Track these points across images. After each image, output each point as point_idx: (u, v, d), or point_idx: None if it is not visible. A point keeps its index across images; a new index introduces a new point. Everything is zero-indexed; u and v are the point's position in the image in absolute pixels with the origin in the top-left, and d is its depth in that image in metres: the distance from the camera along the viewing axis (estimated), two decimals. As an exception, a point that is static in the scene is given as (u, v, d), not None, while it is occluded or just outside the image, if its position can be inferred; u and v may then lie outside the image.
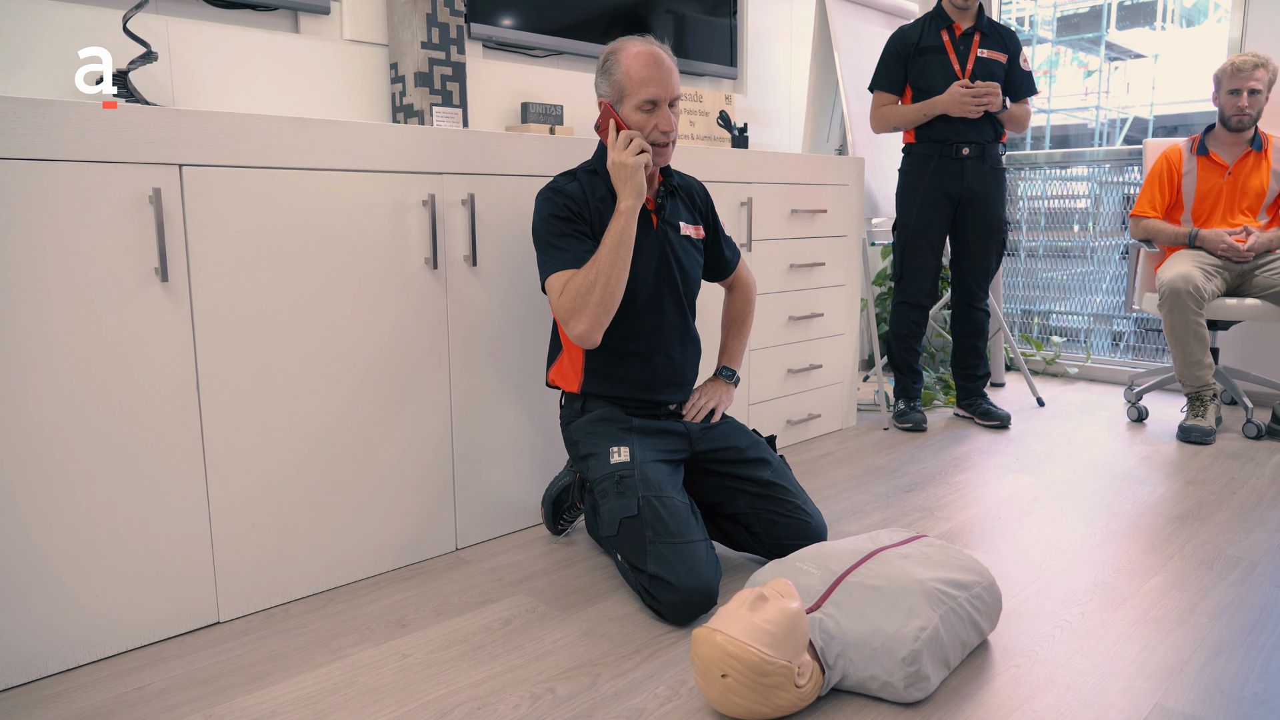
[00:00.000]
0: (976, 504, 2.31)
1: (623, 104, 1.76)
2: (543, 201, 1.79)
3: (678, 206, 1.92)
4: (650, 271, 1.84)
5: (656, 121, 1.76)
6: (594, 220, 1.79)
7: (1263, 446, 2.82)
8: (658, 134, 1.77)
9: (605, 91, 1.78)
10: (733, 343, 2.10)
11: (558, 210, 1.76)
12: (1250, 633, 1.59)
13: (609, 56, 1.78)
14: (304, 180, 1.68)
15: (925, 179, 2.99)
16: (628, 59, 1.75)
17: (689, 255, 1.92)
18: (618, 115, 1.76)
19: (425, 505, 1.93)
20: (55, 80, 1.89)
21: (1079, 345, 4.15)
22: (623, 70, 1.75)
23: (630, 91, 1.75)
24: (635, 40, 1.77)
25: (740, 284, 2.12)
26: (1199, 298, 2.81)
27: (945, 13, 2.96)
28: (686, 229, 1.92)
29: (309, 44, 2.26)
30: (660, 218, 1.87)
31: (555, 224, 1.75)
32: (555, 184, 1.80)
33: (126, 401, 1.50)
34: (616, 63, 1.76)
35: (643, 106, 1.75)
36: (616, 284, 1.70)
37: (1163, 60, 9.82)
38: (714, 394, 2.00)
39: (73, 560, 1.47)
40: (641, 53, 1.75)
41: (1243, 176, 3.02)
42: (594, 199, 1.79)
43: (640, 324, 1.84)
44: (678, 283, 1.89)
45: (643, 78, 1.74)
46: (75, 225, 1.42)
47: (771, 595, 1.31)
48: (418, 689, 1.43)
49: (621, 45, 1.77)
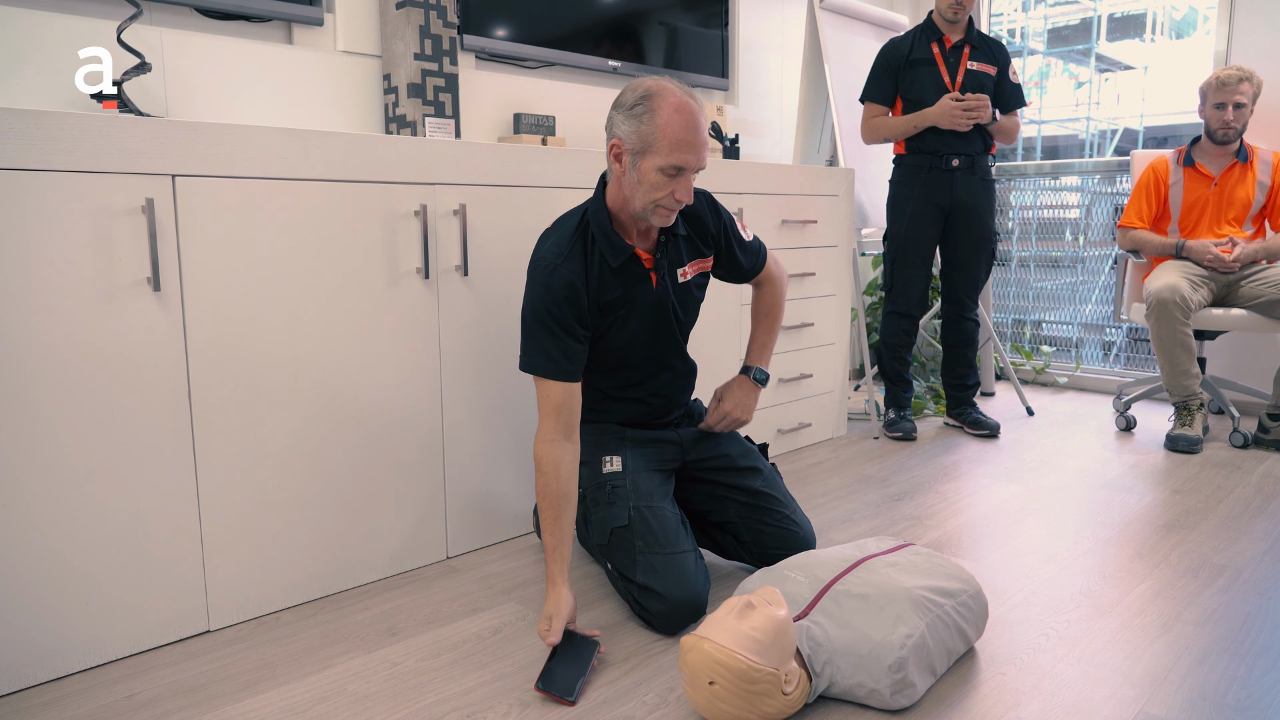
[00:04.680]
0: (965, 512, 2.32)
1: (645, 156, 1.56)
2: (540, 286, 1.62)
3: (679, 250, 1.78)
4: (647, 333, 1.77)
5: (675, 189, 1.58)
6: (593, 294, 1.67)
7: (1249, 455, 2.84)
8: (671, 201, 1.60)
9: (627, 136, 1.57)
10: (763, 337, 1.94)
11: (553, 306, 1.61)
12: (1234, 640, 1.60)
13: (644, 100, 1.55)
14: (297, 190, 1.69)
15: (915, 190, 3.02)
16: (667, 113, 1.54)
17: (690, 299, 1.83)
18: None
19: (416, 514, 1.94)
20: (50, 91, 1.90)
21: (1069, 355, 4.17)
22: (659, 124, 1.54)
23: (660, 149, 1.55)
24: (673, 89, 1.57)
25: (769, 279, 1.95)
26: (1186, 308, 2.83)
27: (935, 25, 2.99)
28: (689, 270, 1.80)
29: (302, 55, 2.27)
30: (659, 275, 1.74)
31: (546, 321, 1.62)
32: (550, 261, 1.63)
33: (117, 410, 1.50)
34: (652, 112, 1.54)
35: (668, 170, 1.56)
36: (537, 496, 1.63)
37: (1152, 72, 9.89)
38: (741, 400, 1.85)
39: (62, 568, 1.47)
40: (683, 108, 1.55)
41: (1228, 188, 3.05)
42: (592, 271, 1.66)
43: (635, 375, 1.82)
44: (675, 332, 1.82)
45: (679, 140, 1.54)
46: (68, 235, 1.43)
47: (759, 603, 1.32)
48: (408, 697, 1.43)
49: (659, 91, 1.56)
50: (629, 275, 1.70)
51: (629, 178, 1.61)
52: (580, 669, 1.47)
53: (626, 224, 1.70)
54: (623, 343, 1.75)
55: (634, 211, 1.64)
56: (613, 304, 1.70)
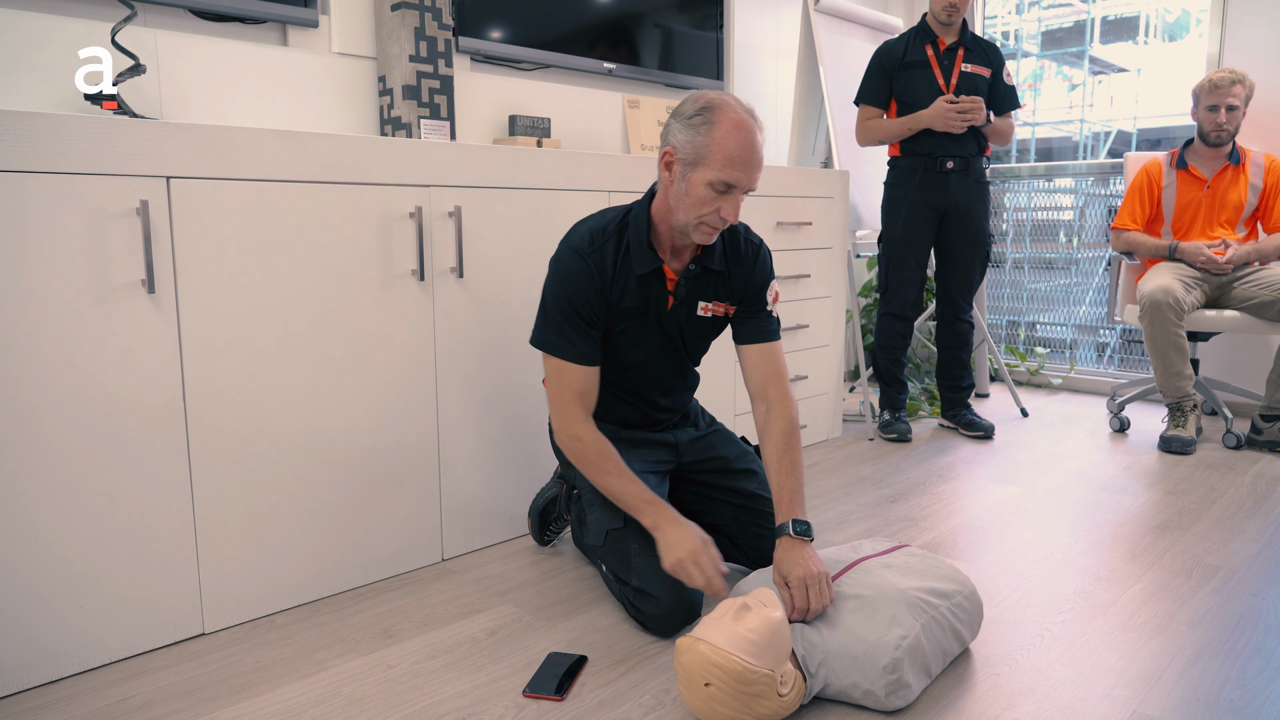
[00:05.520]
0: (960, 514, 2.32)
1: (696, 169, 1.54)
2: (565, 272, 1.63)
3: (706, 285, 1.73)
4: (655, 349, 1.76)
5: (722, 206, 1.55)
6: (614, 298, 1.66)
7: (1242, 456, 2.85)
8: (716, 219, 1.57)
9: (681, 145, 1.56)
10: (790, 481, 1.62)
11: (577, 293, 1.63)
12: (1227, 641, 1.61)
13: (703, 112, 1.54)
14: (292, 193, 1.69)
15: (910, 192, 3.02)
16: (726, 128, 1.52)
17: (704, 334, 1.80)
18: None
19: (411, 516, 1.94)
20: (44, 93, 1.89)
21: (1063, 356, 4.18)
22: (716, 137, 1.52)
23: (713, 163, 1.53)
24: (735, 105, 1.55)
25: (776, 401, 1.70)
26: (1179, 309, 2.84)
27: (929, 28, 3.00)
28: (708, 308, 1.75)
29: (297, 57, 2.27)
30: (677, 300, 1.71)
31: (567, 309, 1.64)
32: (580, 249, 1.64)
33: (112, 413, 1.50)
34: (711, 125, 1.52)
35: (718, 185, 1.54)
36: (591, 479, 1.67)
37: (1145, 74, 9.93)
38: (804, 565, 1.46)
39: (57, 571, 1.47)
40: (742, 125, 1.53)
41: (1221, 190, 3.06)
42: (618, 271, 1.66)
43: (638, 382, 1.81)
44: (684, 356, 1.81)
45: (734, 157, 1.52)
46: (62, 237, 1.42)
47: (755, 604, 1.32)
48: (403, 699, 1.43)
49: (720, 105, 1.54)
50: (649, 289, 1.69)
51: (677, 188, 1.58)
52: (567, 671, 1.48)
53: (664, 238, 1.68)
54: (629, 352, 1.75)
55: (677, 224, 1.62)
56: (626, 312, 1.70)
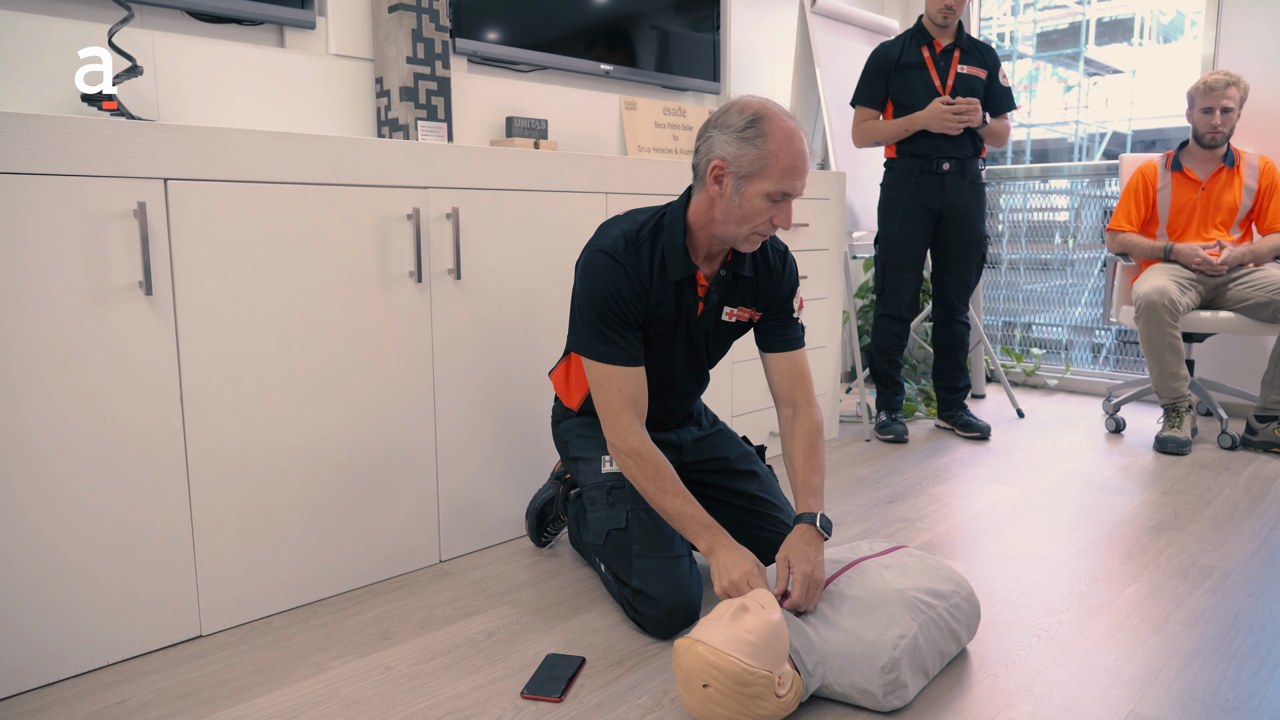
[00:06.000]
0: (957, 514, 2.33)
1: (752, 181, 1.53)
2: (598, 275, 1.61)
3: (736, 290, 1.74)
4: (679, 354, 1.76)
5: (775, 215, 1.56)
6: (652, 303, 1.66)
7: (1237, 457, 2.86)
8: (768, 227, 1.58)
9: (734, 158, 1.54)
10: (814, 477, 1.66)
11: (613, 299, 1.61)
12: (1223, 641, 1.61)
13: (755, 123, 1.52)
14: (289, 194, 1.69)
15: (906, 193, 3.03)
16: (780, 139, 1.52)
17: (726, 338, 1.81)
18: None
19: (409, 517, 1.94)
20: (42, 94, 1.89)
21: (1059, 357, 4.19)
22: (772, 149, 1.52)
23: (770, 175, 1.53)
24: (780, 113, 1.55)
25: (801, 405, 1.77)
26: (1174, 311, 2.85)
27: (926, 30, 3.01)
28: (734, 313, 1.75)
29: (295, 59, 2.27)
30: (707, 305, 1.71)
31: (605, 312, 1.62)
32: (614, 252, 1.62)
33: (109, 415, 1.50)
34: (765, 136, 1.52)
35: (774, 196, 1.54)
36: (647, 496, 1.63)
37: (1140, 75, 9.96)
38: (811, 557, 1.50)
39: (54, 573, 1.46)
40: (793, 134, 1.53)
41: (1216, 192, 3.07)
42: (652, 276, 1.64)
43: (658, 387, 1.80)
44: (704, 360, 1.82)
45: (789, 168, 1.53)
46: (59, 239, 1.42)
47: (753, 606, 1.33)
48: (401, 701, 1.43)
49: (769, 114, 1.53)
50: (682, 294, 1.69)
51: (728, 201, 1.57)
52: (566, 673, 1.48)
53: (700, 244, 1.67)
54: (656, 358, 1.75)
55: (724, 235, 1.61)
56: (661, 318, 1.69)
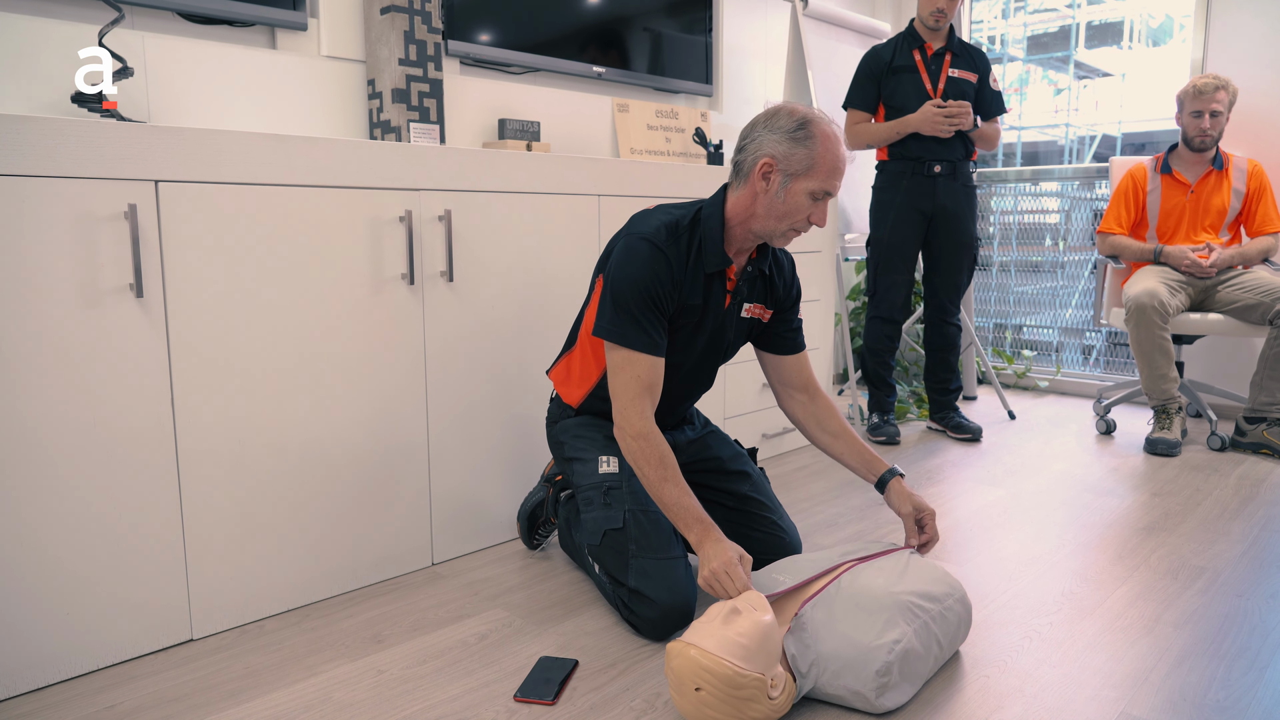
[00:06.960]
0: (948, 516, 2.34)
1: (800, 179, 1.62)
2: (643, 261, 1.64)
3: (758, 287, 1.81)
4: (701, 348, 1.78)
5: (814, 213, 1.65)
6: (685, 293, 1.69)
7: (1226, 458, 2.88)
8: (805, 224, 1.66)
9: (784, 157, 1.62)
10: (863, 446, 1.83)
11: (654, 286, 1.64)
12: (1213, 642, 1.62)
13: (804, 126, 1.62)
14: (281, 196, 1.68)
15: (898, 196, 3.04)
16: (827, 141, 1.62)
17: (741, 334, 1.85)
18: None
19: (401, 520, 1.93)
20: (32, 96, 1.88)
21: (1049, 359, 4.21)
22: (820, 150, 1.61)
23: (817, 174, 1.62)
24: (823, 118, 1.64)
25: (817, 390, 1.89)
26: (1164, 313, 2.87)
27: (917, 33, 3.02)
28: (751, 310, 1.81)
29: (286, 60, 2.27)
30: (734, 299, 1.77)
31: (644, 299, 1.64)
32: (657, 241, 1.65)
33: (100, 417, 1.49)
34: (814, 138, 1.61)
35: (817, 194, 1.63)
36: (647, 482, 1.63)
37: (1130, 79, 10.02)
38: (916, 502, 1.73)
39: (44, 576, 1.46)
40: (836, 138, 1.63)
41: (1205, 195, 3.09)
42: (688, 267, 1.68)
43: (672, 385, 1.81)
44: (720, 357, 1.85)
45: (834, 168, 1.63)
46: (49, 241, 1.42)
47: (745, 608, 1.33)
48: (393, 705, 1.42)
49: (815, 118, 1.63)
50: (713, 287, 1.72)
51: (773, 196, 1.63)
52: (558, 676, 1.48)
53: (735, 239, 1.71)
54: (679, 352, 1.76)
55: (761, 230, 1.67)
56: (690, 309, 1.71)
